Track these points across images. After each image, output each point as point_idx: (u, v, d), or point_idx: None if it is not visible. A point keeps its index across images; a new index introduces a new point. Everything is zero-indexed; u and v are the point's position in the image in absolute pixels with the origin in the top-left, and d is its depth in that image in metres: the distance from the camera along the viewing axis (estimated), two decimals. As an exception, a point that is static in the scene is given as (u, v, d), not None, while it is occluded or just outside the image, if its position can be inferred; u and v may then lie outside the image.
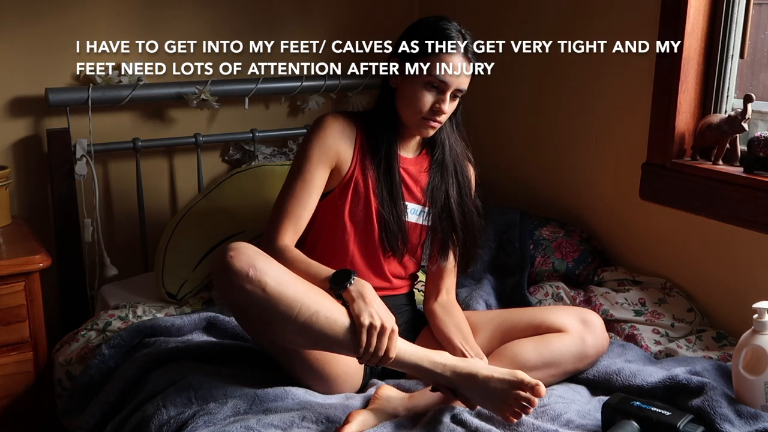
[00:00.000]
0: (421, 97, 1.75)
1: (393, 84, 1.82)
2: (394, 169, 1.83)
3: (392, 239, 1.83)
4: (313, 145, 1.80)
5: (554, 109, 2.48)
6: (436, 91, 1.75)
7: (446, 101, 1.75)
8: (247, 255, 1.54)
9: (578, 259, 2.28)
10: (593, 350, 1.80)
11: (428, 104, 1.75)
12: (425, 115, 1.76)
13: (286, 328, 1.55)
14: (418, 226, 1.90)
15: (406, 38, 1.80)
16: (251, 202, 2.34)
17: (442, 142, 1.88)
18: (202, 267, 2.25)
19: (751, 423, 1.53)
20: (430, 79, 1.74)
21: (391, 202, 1.83)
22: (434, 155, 1.89)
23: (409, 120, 1.80)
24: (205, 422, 1.54)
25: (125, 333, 1.89)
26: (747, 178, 1.91)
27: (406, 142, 1.88)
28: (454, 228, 1.89)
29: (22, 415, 2.03)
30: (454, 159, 1.90)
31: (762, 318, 1.58)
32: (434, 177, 1.88)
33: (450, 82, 1.74)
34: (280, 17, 2.67)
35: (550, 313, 1.85)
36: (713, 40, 2.05)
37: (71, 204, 2.33)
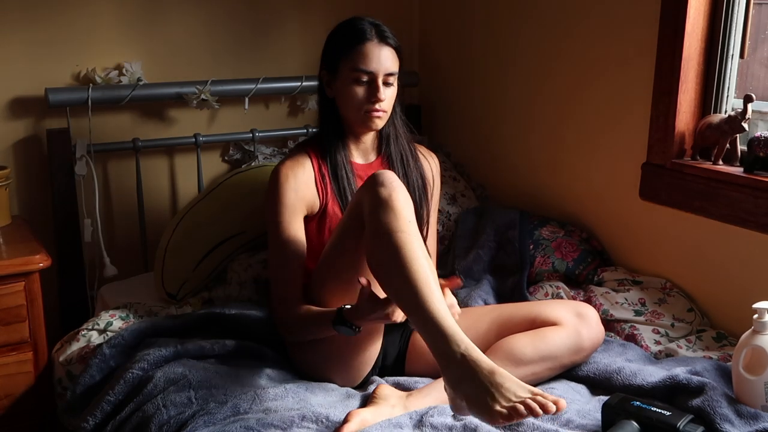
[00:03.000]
0: (355, 93, 1.81)
1: (330, 95, 1.89)
2: (344, 185, 1.87)
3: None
4: (277, 208, 1.83)
5: (554, 109, 2.48)
6: (367, 84, 1.82)
7: (380, 88, 1.81)
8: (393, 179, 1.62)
9: (578, 259, 2.28)
10: (589, 343, 1.81)
11: (364, 97, 1.81)
12: (365, 108, 1.82)
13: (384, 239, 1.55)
14: None
15: (326, 47, 1.90)
16: (251, 203, 2.33)
17: (387, 136, 1.94)
18: (203, 267, 2.25)
19: (751, 423, 1.53)
20: (356, 74, 1.81)
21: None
22: (383, 151, 1.94)
23: (353, 119, 1.86)
24: (205, 422, 1.54)
25: (126, 333, 1.89)
26: (747, 178, 1.92)
27: (361, 148, 1.94)
28: None
29: (22, 415, 2.03)
30: (400, 149, 1.94)
31: (762, 318, 1.58)
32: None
33: (375, 70, 1.80)
34: (280, 17, 2.67)
35: (546, 306, 1.87)
36: (713, 40, 2.05)
37: (71, 204, 2.33)
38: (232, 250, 2.30)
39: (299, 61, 2.73)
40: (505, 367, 1.72)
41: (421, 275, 1.50)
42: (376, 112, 1.83)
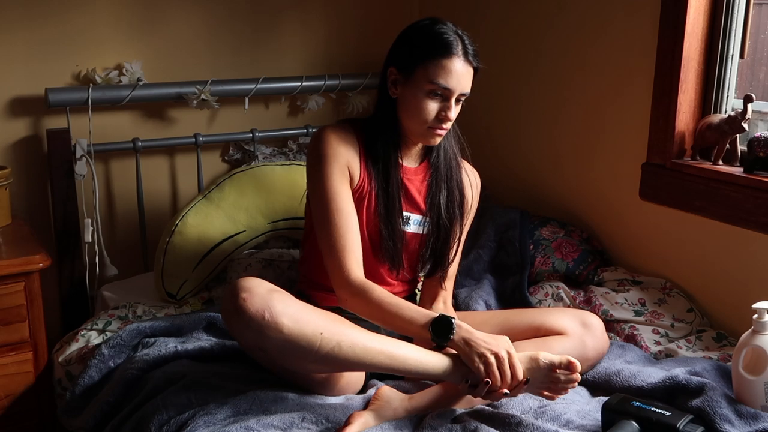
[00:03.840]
0: (426, 107, 1.70)
1: (393, 94, 1.76)
2: (392, 183, 1.78)
3: (388, 254, 1.80)
4: (328, 166, 1.71)
5: (554, 109, 2.48)
6: (440, 99, 1.70)
7: (452, 108, 1.71)
8: (261, 296, 1.49)
9: (578, 259, 2.28)
10: (593, 353, 1.80)
11: (434, 113, 1.71)
12: (431, 124, 1.72)
13: (306, 361, 1.53)
14: (418, 236, 1.87)
15: (402, 45, 1.76)
16: (251, 202, 2.34)
17: (439, 147, 1.85)
18: (202, 267, 2.25)
19: (751, 423, 1.53)
20: (432, 87, 1.69)
21: (388, 217, 1.78)
22: (431, 160, 1.85)
23: (413, 130, 1.76)
24: (205, 422, 1.53)
25: (125, 333, 1.89)
26: (747, 178, 1.92)
27: (409, 151, 1.84)
28: (438, 230, 1.86)
29: (22, 415, 2.03)
30: (447, 163, 1.86)
31: (762, 318, 1.58)
32: (432, 185, 1.85)
33: (454, 88, 1.69)
34: (280, 16, 2.67)
35: (550, 315, 1.85)
36: (713, 40, 2.05)
37: (71, 204, 2.33)
38: (231, 249, 2.30)
39: (299, 61, 2.73)
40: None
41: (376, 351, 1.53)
42: (440, 130, 1.73)
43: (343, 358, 1.51)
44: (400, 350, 1.56)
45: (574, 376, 1.58)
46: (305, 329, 1.49)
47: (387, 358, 1.54)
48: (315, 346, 1.49)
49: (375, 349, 1.53)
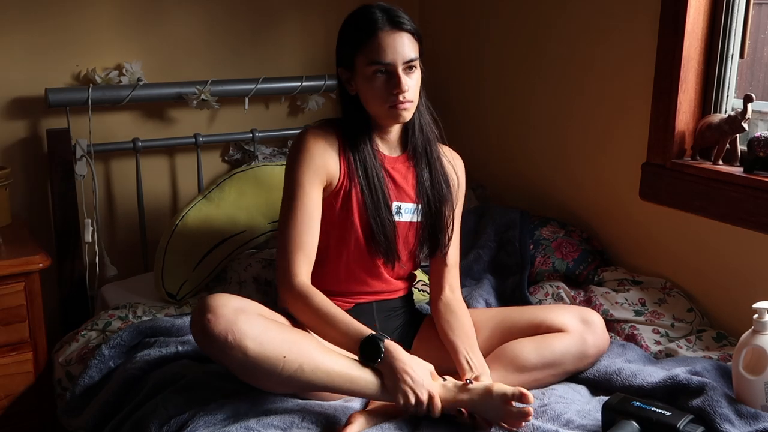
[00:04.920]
0: (377, 88, 1.69)
1: (352, 91, 1.76)
2: (372, 176, 1.77)
3: (379, 247, 1.78)
4: (301, 167, 1.72)
5: (554, 110, 2.48)
6: (386, 76, 1.69)
7: (401, 79, 1.68)
8: (226, 318, 1.48)
9: (578, 259, 2.28)
10: (594, 350, 1.80)
11: (386, 90, 1.69)
12: (389, 102, 1.70)
13: (270, 382, 1.54)
14: (414, 224, 1.85)
15: (339, 43, 1.77)
16: (251, 202, 2.34)
17: (412, 124, 1.82)
18: (202, 267, 2.25)
19: (751, 423, 1.53)
20: (374, 68, 1.68)
21: (375, 210, 1.77)
22: (410, 142, 1.83)
23: (379, 114, 1.75)
24: (205, 422, 1.53)
25: (125, 333, 1.89)
26: (747, 178, 1.91)
27: (388, 140, 1.83)
28: (429, 215, 1.85)
29: (22, 415, 2.03)
30: (424, 142, 1.83)
31: (762, 318, 1.58)
32: (416, 168, 1.83)
33: (393, 60, 1.67)
34: (280, 16, 2.67)
35: (551, 312, 1.84)
36: (713, 40, 2.05)
37: (71, 204, 2.33)
38: (231, 249, 2.30)
39: (299, 61, 2.73)
40: (508, 372, 1.72)
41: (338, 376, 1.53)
42: (401, 104, 1.70)
43: (305, 380, 1.53)
44: (362, 375, 1.56)
45: (526, 408, 1.53)
46: (268, 352, 1.49)
47: (348, 382, 1.55)
48: (278, 368, 1.50)
49: (336, 372, 1.54)
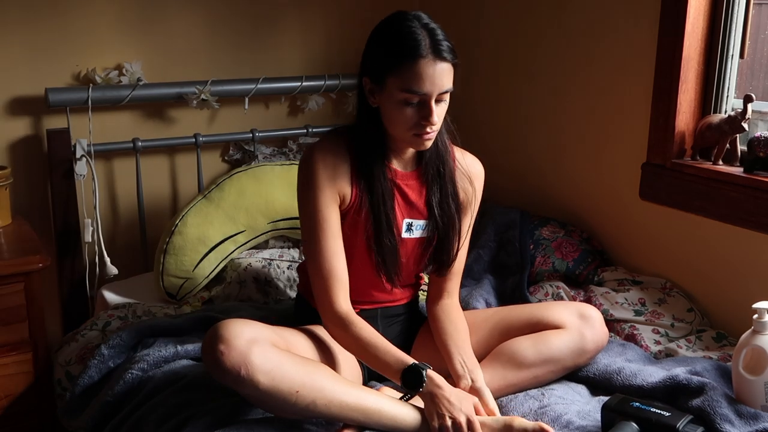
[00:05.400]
0: (405, 115, 1.60)
1: (373, 104, 1.66)
2: (378, 196, 1.70)
3: (383, 269, 1.74)
4: (316, 192, 1.66)
5: (554, 109, 2.48)
6: (418, 105, 1.60)
7: (433, 111, 1.59)
8: (239, 351, 1.46)
9: (578, 259, 2.28)
10: (592, 345, 1.79)
11: (414, 120, 1.60)
12: (415, 131, 1.62)
13: (284, 413, 1.55)
14: (422, 240, 1.81)
15: (370, 53, 1.65)
16: (251, 202, 2.34)
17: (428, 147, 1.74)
18: (202, 267, 2.25)
19: (751, 423, 1.53)
20: (406, 96, 1.58)
21: (378, 232, 1.71)
22: (423, 160, 1.76)
23: (400, 138, 1.67)
24: (205, 422, 1.54)
25: (125, 333, 1.89)
26: (747, 178, 1.92)
27: (402, 157, 1.75)
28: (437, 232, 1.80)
29: (22, 415, 2.03)
30: (435, 159, 1.76)
31: (762, 318, 1.58)
32: (429, 186, 1.78)
33: (429, 91, 1.58)
34: (281, 16, 2.67)
35: (548, 309, 1.83)
36: (713, 40, 2.05)
37: (71, 204, 2.33)
38: (232, 249, 2.30)
39: (299, 61, 2.73)
40: (507, 370, 1.73)
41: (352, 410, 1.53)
42: (426, 134, 1.62)
43: (318, 413, 1.53)
44: (376, 405, 1.55)
45: None
46: (281, 387, 1.48)
47: (361, 415, 1.54)
48: (290, 402, 1.50)
49: (349, 406, 1.53)
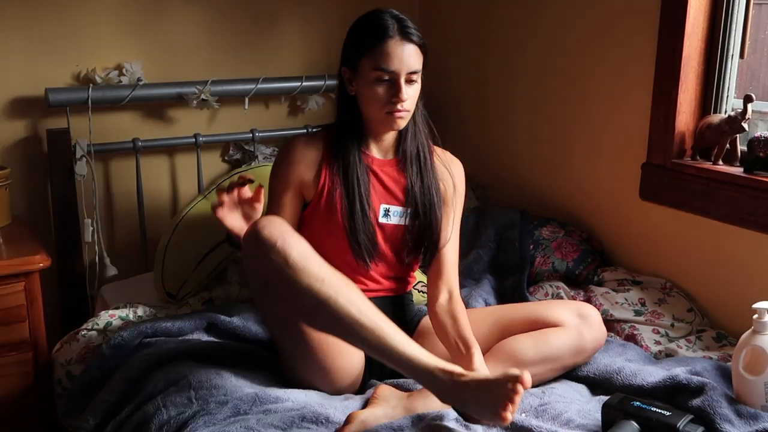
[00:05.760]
0: (377, 93, 1.75)
1: (351, 92, 1.82)
2: (353, 178, 1.82)
3: (358, 250, 1.81)
4: (277, 173, 1.85)
5: (554, 109, 2.48)
6: (389, 84, 1.74)
7: (402, 88, 1.73)
8: (278, 227, 1.54)
9: (578, 259, 2.28)
10: (591, 344, 1.81)
11: (386, 97, 1.74)
12: (387, 108, 1.75)
13: (304, 301, 1.51)
14: (400, 227, 1.87)
15: (347, 43, 1.82)
16: (251, 202, 2.34)
17: (406, 131, 1.86)
18: (203, 267, 2.25)
19: (751, 423, 1.53)
20: (378, 74, 1.73)
21: (352, 213, 1.81)
22: (401, 147, 1.87)
23: (375, 118, 1.80)
24: (206, 422, 1.53)
25: (125, 333, 1.89)
26: (747, 178, 1.92)
27: (381, 144, 1.87)
28: (419, 220, 1.86)
29: (22, 415, 2.03)
30: (417, 145, 1.87)
31: (762, 318, 1.58)
32: (406, 173, 1.87)
33: (397, 69, 1.73)
34: (280, 16, 2.67)
35: (547, 308, 1.85)
36: (713, 40, 2.05)
37: (71, 204, 2.33)
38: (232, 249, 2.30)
39: (299, 61, 2.73)
40: (506, 368, 1.69)
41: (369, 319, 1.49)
42: (398, 113, 1.76)
43: (335, 311, 1.49)
44: (391, 328, 1.52)
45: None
46: (310, 267, 1.50)
47: (377, 329, 1.49)
48: (315, 287, 1.49)
49: (367, 315, 1.50)
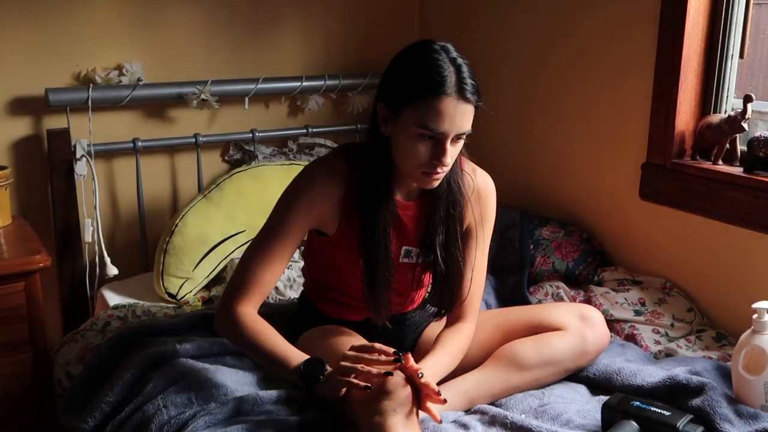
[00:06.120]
0: (418, 151, 1.50)
1: (385, 132, 1.56)
2: (380, 227, 1.61)
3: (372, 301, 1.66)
4: (294, 211, 1.62)
5: (554, 109, 2.48)
6: (432, 142, 1.50)
7: (447, 152, 1.50)
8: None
9: (578, 259, 2.28)
10: (593, 347, 1.79)
11: (426, 157, 1.51)
12: (425, 168, 1.53)
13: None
14: (411, 265, 1.73)
15: (389, 79, 1.55)
16: (251, 202, 2.34)
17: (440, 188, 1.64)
18: (202, 267, 2.25)
19: (750, 423, 1.53)
20: (422, 131, 1.48)
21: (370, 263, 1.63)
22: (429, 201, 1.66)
23: (407, 172, 1.58)
24: (206, 422, 1.53)
25: (124, 333, 1.89)
26: (747, 178, 1.92)
27: (407, 188, 1.67)
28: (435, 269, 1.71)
29: (22, 415, 2.03)
30: (449, 202, 1.66)
31: (762, 318, 1.58)
32: (429, 222, 1.67)
33: (447, 130, 1.48)
34: (281, 16, 2.67)
35: (549, 311, 1.83)
36: (713, 40, 2.05)
37: (71, 204, 2.33)
38: (232, 249, 2.30)
39: (299, 61, 2.73)
40: (508, 372, 1.71)
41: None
42: (435, 174, 1.54)
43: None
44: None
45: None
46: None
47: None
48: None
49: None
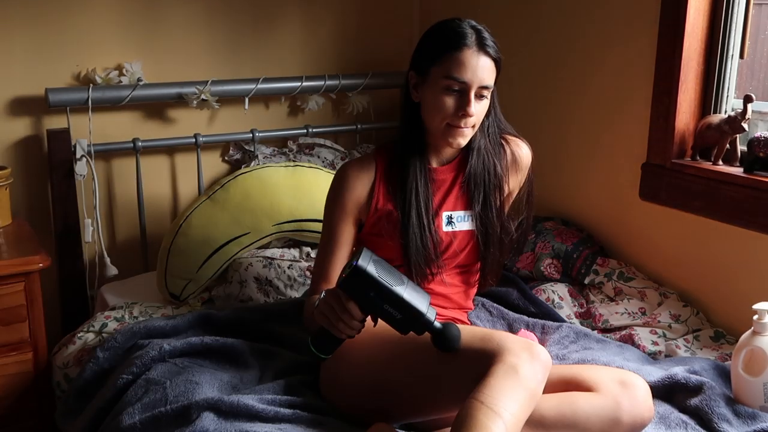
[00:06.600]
0: (444, 102, 1.65)
1: (415, 99, 1.73)
2: (413, 190, 1.73)
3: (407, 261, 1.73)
4: (334, 208, 1.77)
5: (554, 109, 2.48)
6: (458, 94, 1.65)
7: (471, 102, 1.64)
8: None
9: (578, 243, 2.27)
10: (629, 417, 1.52)
11: (452, 108, 1.65)
12: (451, 121, 1.66)
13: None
14: (469, 232, 1.79)
15: (418, 48, 1.73)
16: (256, 204, 2.33)
17: (473, 150, 1.77)
18: (206, 268, 2.25)
19: (749, 423, 1.53)
20: (448, 82, 1.64)
21: (408, 226, 1.72)
22: (468, 164, 1.78)
23: (436, 130, 1.70)
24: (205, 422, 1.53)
25: (119, 335, 1.88)
26: (747, 178, 1.91)
27: (440, 155, 1.79)
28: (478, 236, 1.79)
29: (22, 415, 2.03)
30: (485, 171, 1.78)
31: (762, 319, 1.58)
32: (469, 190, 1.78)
33: (470, 80, 1.63)
34: (281, 16, 2.67)
35: (588, 369, 1.64)
36: (713, 40, 2.05)
37: (71, 204, 2.33)
38: (236, 250, 2.30)
39: (299, 61, 2.73)
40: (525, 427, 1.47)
41: None
42: (461, 128, 1.66)
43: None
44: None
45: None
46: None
47: None
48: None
49: None
